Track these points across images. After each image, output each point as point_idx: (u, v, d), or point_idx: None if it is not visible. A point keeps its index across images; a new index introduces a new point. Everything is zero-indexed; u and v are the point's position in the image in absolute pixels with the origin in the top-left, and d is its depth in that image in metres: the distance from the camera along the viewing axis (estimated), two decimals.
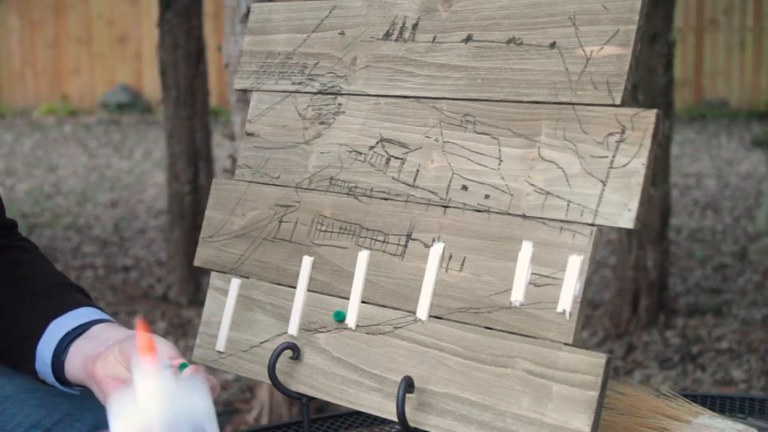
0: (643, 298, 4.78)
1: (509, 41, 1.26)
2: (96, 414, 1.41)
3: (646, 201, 1.13)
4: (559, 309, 1.15)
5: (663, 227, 4.82)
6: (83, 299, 1.45)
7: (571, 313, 1.14)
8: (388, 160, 1.35)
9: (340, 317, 1.34)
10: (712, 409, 1.51)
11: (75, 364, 1.35)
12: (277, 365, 1.37)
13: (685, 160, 9.19)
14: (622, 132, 1.14)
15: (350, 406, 1.32)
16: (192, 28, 5.28)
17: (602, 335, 4.76)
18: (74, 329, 1.38)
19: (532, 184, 1.20)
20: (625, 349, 4.56)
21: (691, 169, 8.79)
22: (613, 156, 1.14)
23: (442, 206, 1.28)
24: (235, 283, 1.46)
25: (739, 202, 7.51)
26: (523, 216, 1.20)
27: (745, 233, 6.56)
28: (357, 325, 1.33)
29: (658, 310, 4.82)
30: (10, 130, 11.72)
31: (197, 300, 5.19)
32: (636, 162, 1.13)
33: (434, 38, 1.33)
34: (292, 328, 1.39)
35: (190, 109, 5.28)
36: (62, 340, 1.37)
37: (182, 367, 1.28)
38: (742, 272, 5.70)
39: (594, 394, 1.12)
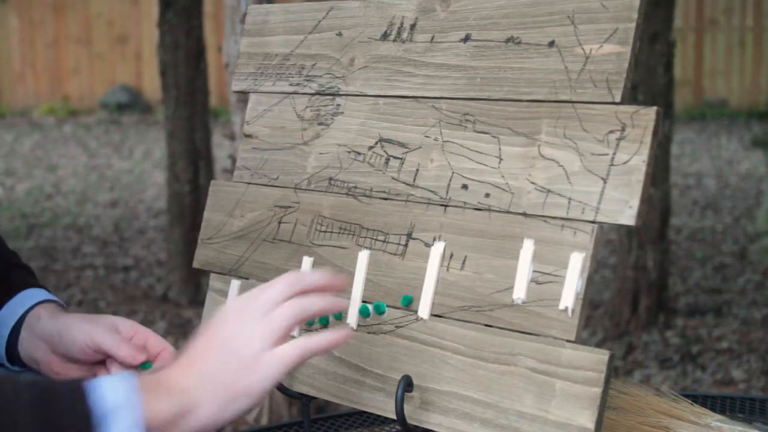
0: (643, 298, 4.78)
1: (508, 40, 1.26)
2: None
3: (646, 198, 1.13)
4: (561, 306, 1.15)
5: (663, 227, 4.82)
6: (29, 279, 1.49)
7: (573, 311, 1.14)
8: (387, 160, 1.34)
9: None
10: (713, 409, 1.51)
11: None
12: None
13: (685, 160, 9.19)
14: (623, 129, 1.14)
15: (352, 405, 1.32)
16: (192, 28, 5.29)
17: (602, 335, 4.76)
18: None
19: (532, 183, 1.20)
20: (625, 349, 4.56)
21: (691, 169, 8.79)
22: (614, 153, 1.14)
23: (443, 205, 1.28)
24: (235, 284, 1.46)
25: (739, 202, 7.51)
26: (524, 214, 1.20)
27: (745, 233, 6.56)
28: (358, 325, 1.32)
29: (658, 310, 4.82)
30: (10, 130, 11.72)
31: (197, 300, 5.19)
32: (637, 159, 1.12)
33: (432, 38, 1.33)
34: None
35: (190, 109, 5.28)
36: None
37: (144, 366, 1.31)
38: (742, 272, 5.70)
39: (597, 390, 1.12)
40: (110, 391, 1.05)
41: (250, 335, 1.12)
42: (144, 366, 1.33)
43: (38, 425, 1.01)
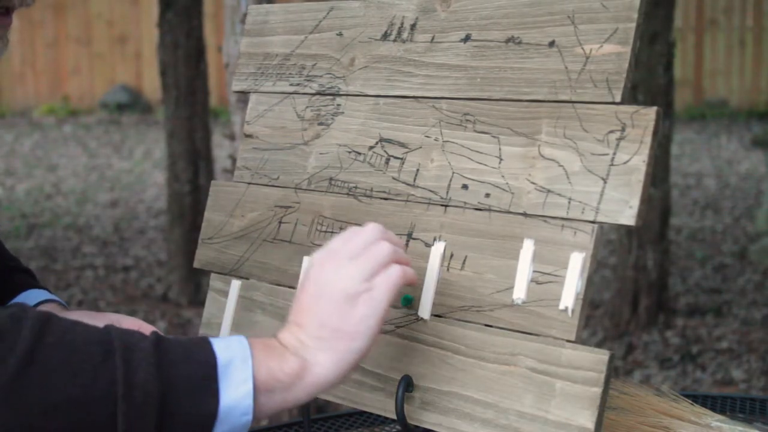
0: (643, 298, 4.79)
1: (508, 40, 1.26)
2: None
3: (646, 198, 1.13)
4: (562, 306, 1.15)
5: (663, 227, 4.82)
6: (30, 281, 1.50)
7: (573, 311, 1.14)
8: (387, 160, 1.34)
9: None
10: (713, 409, 1.51)
11: None
12: None
13: (685, 160, 9.19)
14: (623, 129, 1.14)
15: (353, 405, 1.32)
16: (192, 28, 5.29)
17: (602, 335, 4.76)
18: None
19: (532, 183, 1.20)
20: (625, 349, 4.56)
21: (691, 169, 8.79)
22: (614, 153, 1.14)
23: (443, 205, 1.28)
24: (236, 284, 1.46)
25: (739, 202, 7.51)
26: (524, 214, 1.20)
27: (745, 233, 6.56)
28: None
29: (658, 310, 4.82)
30: (10, 130, 11.72)
31: (197, 300, 5.20)
32: (637, 159, 1.12)
33: (433, 38, 1.33)
34: None
35: (190, 109, 5.29)
36: None
37: None
38: (742, 272, 5.70)
39: (597, 390, 1.12)
40: (224, 347, 1.05)
41: (348, 274, 1.11)
42: None
43: (160, 368, 1.01)
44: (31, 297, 1.46)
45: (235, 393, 1.04)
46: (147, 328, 1.40)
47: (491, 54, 1.27)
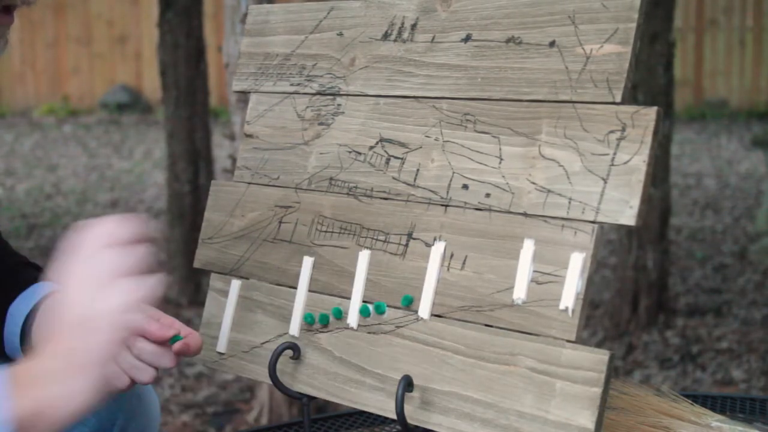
0: (643, 298, 4.78)
1: (508, 40, 1.26)
2: (99, 416, 1.42)
3: (646, 198, 1.13)
4: (562, 306, 1.15)
5: (663, 227, 4.82)
6: (37, 275, 1.50)
7: (573, 311, 1.14)
8: (388, 160, 1.35)
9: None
10: (713, 409, 1.51)
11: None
12: (279, 365, 1.37)
13: (685, 160, 9.19)
14: (623, 129, 1.14)
15: (352, 405, 1.32)
16: (192, 28, 5.28)
17: (602, 335, 4.76)
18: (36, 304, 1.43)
19: (533, 183, 1.20)
20: (625, 349, 4.56)
21: (691, 169, 8.79)
22: (614, 153, 1.14)
23: (443, 205, 1.28)
24: (236, 284, 1.46)
25: (739, 202, 7.51)
26: (525, 214, 1.20)
27: (745, 233, 6.55)
28: (359, 325, 1.32)
29: (658, 310, 4.81)
30: (10, 130, 11.72)
31: (197, 300, 5.19)
32: (637, 159, 1.13)
33: (433, 38, 1.33)
34: (294, 329, 1.39)
35: (190, 109, 5.28)
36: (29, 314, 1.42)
37: (175, 339, 1.30)
38: (742, 272, 5.70)
39: (597, 390, 1.12)
40: None
41: (87, 300, 1.06)
42: (175, 339, 1.32)
43: None
44: (38, 291, 1.46)
45: None
46: (168, 318, 1.39)
47: (492, 54, 1.27)
